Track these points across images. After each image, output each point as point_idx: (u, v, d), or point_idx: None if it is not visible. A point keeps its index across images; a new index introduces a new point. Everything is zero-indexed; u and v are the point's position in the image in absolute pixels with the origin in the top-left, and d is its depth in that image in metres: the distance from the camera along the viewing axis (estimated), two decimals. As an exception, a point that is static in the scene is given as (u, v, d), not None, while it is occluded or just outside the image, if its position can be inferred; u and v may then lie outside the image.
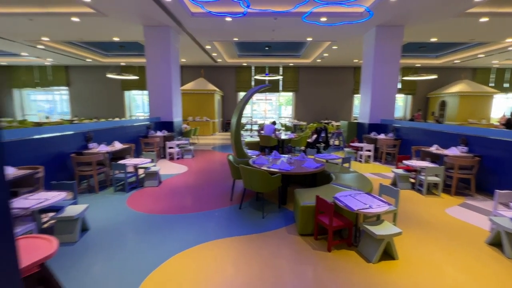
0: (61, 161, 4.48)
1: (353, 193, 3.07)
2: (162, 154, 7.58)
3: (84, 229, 3.13)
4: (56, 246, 1.56)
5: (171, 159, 7.40)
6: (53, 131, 4.47)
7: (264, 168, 3.80)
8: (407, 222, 3.46)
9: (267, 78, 14.38)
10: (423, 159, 5.41)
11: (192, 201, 4.23)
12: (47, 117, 13.75)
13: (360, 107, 9.19)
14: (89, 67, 15.24)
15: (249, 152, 5.44)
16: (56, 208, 2.99)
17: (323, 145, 8.62)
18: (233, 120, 4.85)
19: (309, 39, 9.75)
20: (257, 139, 8.48)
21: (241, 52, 12.79)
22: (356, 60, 13.40)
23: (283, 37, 9.54)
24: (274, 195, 4.36)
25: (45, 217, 3.25)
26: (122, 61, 14.30)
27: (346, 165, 5.23)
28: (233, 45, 11.33)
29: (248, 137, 9.73)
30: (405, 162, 5.01)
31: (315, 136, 8.30)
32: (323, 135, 8.52)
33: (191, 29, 8.61)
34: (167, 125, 8.59)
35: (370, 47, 8.31)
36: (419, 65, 14.34)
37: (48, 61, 14.28)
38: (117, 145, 5.35)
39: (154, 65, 8.39)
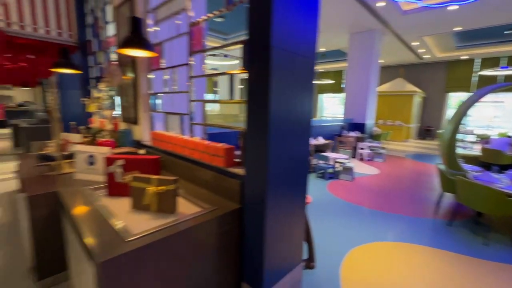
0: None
1: None
2: (353, 154, 8.01)
3: (302, 199, 4.21)
4: (311, 199, 2.37)
5: (361, 159, 7.64)
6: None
7: (495, 187, 3.09)
8: None
9: (502, 72, 10.53)
10: None
11: (385, 202, 4.27)
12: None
13: None
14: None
15: (464, 166, 4.50)
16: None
17: None
18: (449, 127, 4.25)
19: None
20: (473, 152, 6.72)
21: (462, 43, 10.28)
22: None
23: (547, 12, 6.61)
24: (505, 224, 3.42)
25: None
26: (321, 68, 16.21)
27: None
28: (451, 36, 9.38)
29: (459, 148, 7.87)
30: None
31: None
32: None
33: (398, 28, 8.19)
34: (359, 127, 8.86)
35: None
36: None
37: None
38: (321, 140, 6.40)
39: (355, 69, 8.88)
